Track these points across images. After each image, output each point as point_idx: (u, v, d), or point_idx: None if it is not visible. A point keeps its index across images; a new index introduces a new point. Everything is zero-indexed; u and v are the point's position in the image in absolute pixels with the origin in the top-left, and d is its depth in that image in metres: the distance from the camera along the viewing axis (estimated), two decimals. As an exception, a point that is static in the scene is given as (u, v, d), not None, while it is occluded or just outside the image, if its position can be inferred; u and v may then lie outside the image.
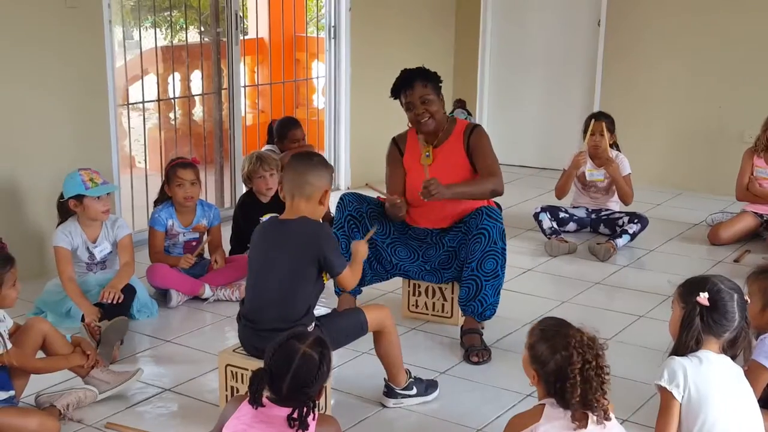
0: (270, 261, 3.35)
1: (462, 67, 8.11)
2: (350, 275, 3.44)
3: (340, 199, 4.41)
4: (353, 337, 3.49)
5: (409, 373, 3.62)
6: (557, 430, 2.55)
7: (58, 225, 4.48)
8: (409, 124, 4.36)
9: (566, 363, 2.54)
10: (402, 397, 3.59)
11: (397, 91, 4.29)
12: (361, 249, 3.55)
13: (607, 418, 2.57)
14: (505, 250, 4.18)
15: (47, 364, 3.51)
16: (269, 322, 3.28)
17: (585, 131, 5.91)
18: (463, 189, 4.20)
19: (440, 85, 4.31)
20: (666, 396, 2.77)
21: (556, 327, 2.63)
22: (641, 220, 5.78)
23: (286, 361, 2.55)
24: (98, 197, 4.38)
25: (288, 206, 3.40)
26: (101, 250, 4.50)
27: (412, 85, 4.22)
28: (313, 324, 3.35)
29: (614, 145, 5.96)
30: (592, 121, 5.89)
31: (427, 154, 4.33)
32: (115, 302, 4.24)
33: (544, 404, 2.61)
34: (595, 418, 2.55)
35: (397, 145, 4.44)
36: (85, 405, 3.52)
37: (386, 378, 3.59)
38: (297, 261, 3.31)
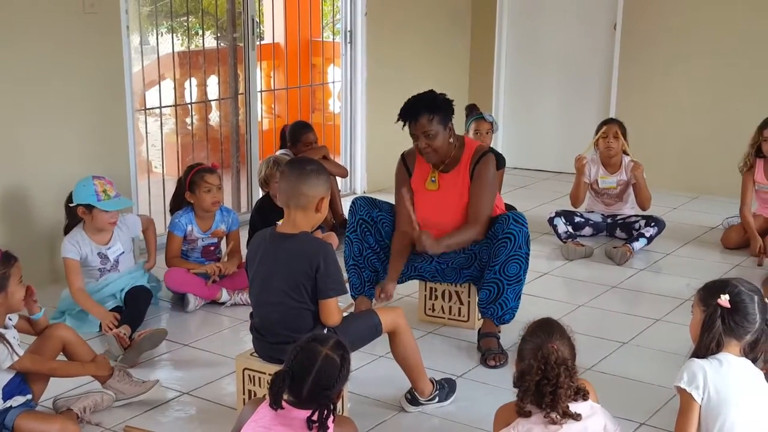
0: (270, 279, 3.26)
1: (478, 71, 8.11)
2: (335, 308, 3.27)
3: (352, 203, 4.41)
4: (368, 340, 3.48)
5: (435, 383, 3.60)
6: (536, 426, 2.63)
7: (66, 228, 4.51)
8: None
9: (528, 370, 2.63)
10: (424, 405, 3.60)
11: (402, 118, 4.14)
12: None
13: (573, 417, 2.60)
14: (528, 255, 4.18)
15: (61, 367, 3.50)
16: (279, 337, 3.28)
17: (596, 136, 5.91)
18: (451, 241, 4.14)
19: (451, 112, 4.14)
20: (686, 398, 2.77)
21: (541, 333, 2.69)
22: (658, 224, 5.76)
23: (308, 364, 2.57)
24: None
25: (286, 215, 3.30)
26: (115, 251, 4.53)
27: (417, 117, 4.07)
28: (325, 330, 3.34)
29: (624, 152, 5.94)
30: (604, 126, 5.90)
31: (433, 179, 4.24)
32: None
33: None
34: (542, 415, 2.61)
35: (406, 164, 4.33)
36: (102, 409, 3.54)
37: (411, 386, 3.58)
38: (297, 279, 3.22)
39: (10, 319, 3.32)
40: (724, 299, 2.78)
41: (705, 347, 2.79)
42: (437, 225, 4.18)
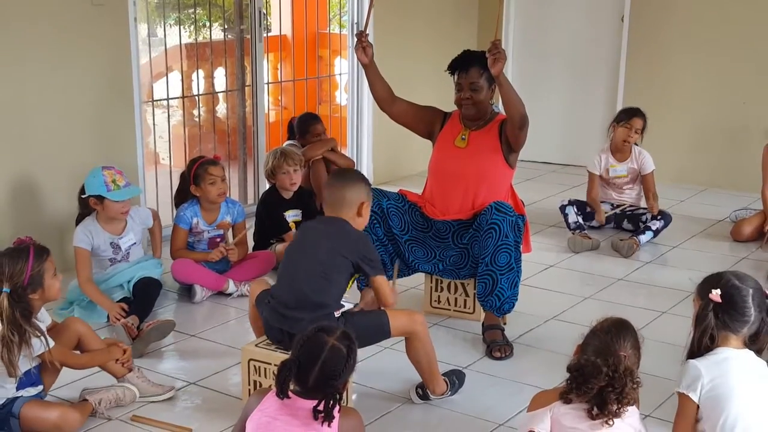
0: (311, 243, 3.45)
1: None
2: (387, 286, 3.48)
3: (363, 195, 4.42)
4: (374, 339, 3.48)
5: (448, 384, 3.62)
6: (573, 411, 2.63)
7: (78, 218, 4.53)
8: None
9: (594, 372, 2.60)
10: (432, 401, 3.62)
11: (452, 68, 4.33)
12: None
13: (616, 415, 2.60)
14: (518, 243, 4.19)
15: (90, 358, 3.54)
16: (297, 300, 3.32)
17: (619, 120, 5.88)
18: (510, 87, 4.08)
19: None
20: (683, 399, 2.79)
21: (616, 334, 2.68)
22: (665, 217, 5.76)
23: (315, 353, 2.58)
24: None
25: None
26: (127, 241, 4.56)
27: (468, 68, 4.25)
28: (340, 311, 3.37)
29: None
30: (632, 117, 5.85)
31: (463, 137, 4.35)
32: None
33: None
34: (583, 406, 2.61)
35: (444, 116, 4.48)
36: (124, 404, 3.54)
37: (423, 383, 3.59)
38: (336, 248, 3.39)
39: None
40: (716, 294, 2.77)
41: (698, 341, 2.80)
42: (460, 178, 4.28)
